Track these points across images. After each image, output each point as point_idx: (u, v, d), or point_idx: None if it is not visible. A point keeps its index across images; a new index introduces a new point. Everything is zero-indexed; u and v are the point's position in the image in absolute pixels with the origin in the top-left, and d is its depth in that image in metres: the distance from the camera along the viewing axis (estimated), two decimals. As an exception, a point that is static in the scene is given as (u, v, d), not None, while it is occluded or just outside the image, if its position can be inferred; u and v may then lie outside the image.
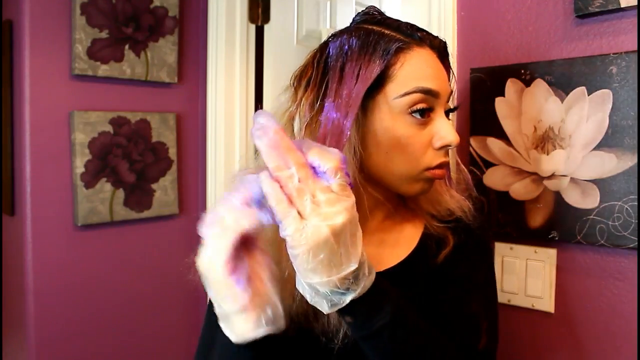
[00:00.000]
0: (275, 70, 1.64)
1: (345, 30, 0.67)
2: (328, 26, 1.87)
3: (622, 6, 0.82)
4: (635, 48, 0.82)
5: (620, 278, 0.86)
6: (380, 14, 0.69)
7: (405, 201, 0.75)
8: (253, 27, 1.63)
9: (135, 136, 1.49)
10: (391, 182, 0.66)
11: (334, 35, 0.68)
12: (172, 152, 1.58)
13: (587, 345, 0.90)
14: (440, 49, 0.68)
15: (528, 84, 0.92)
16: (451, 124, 0.66)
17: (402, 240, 0.72)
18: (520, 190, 0.94)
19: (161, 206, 1.56)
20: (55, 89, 1.37)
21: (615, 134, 0.84)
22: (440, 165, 0.66)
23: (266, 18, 1.63)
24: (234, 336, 0.50)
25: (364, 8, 0.71)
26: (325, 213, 0.46)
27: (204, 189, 1.67)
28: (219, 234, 0.48)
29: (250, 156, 0.70)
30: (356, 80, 0.62)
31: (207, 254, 0.49)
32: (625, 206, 0.83)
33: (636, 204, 0.82)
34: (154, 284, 1.58)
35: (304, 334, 0.65)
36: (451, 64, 0.72)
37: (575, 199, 0.88)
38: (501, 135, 0.96)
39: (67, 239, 1.40)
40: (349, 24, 0.72)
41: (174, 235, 1.61)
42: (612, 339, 0.87)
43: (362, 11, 0.70)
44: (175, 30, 1.55)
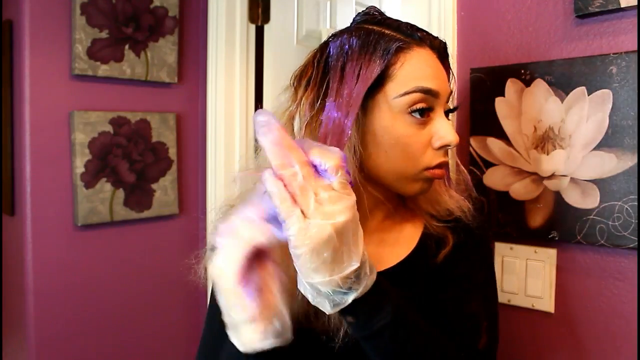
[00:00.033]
0: (275, 70, 1.64)
1: (346, 30, 0.67)
2: (328, 26, 1.87)
3: (622, 6, 0.82)
4: (635, 48, 0.82)
5: (620, 278, 0.86)
6: (381, 14, 0.69)
7: (405, 201, 0.75)
8: (253, 27, 1.63)
9: (135, 136, 1.49)
10: (390, 182, 0.66)
11: (334, 35, 0.68)
12: (172, 152, 1.58)
13: (587, 345, 0.90)
14: (440, 50, 0.68)
15: (528, 84, 0.92)
16: (451, 124, 0.66)
17: (402, 240, 0.72)
18: (520, 190, 0.94)
19: (161, 206, 1.56)
20: (55, 89, 1.37)
21: (615, 134, 0.84)
22: (439, 165, 0.66)
23: (266, 18, 1.63)
24: (242, 345, 0.50)
25: (364, 8, 0.71)
26: (327, 211, 0.46)
27: (204, 189, 1.67)
28: (232, 244, 0.48)
29: (250, 156, 0.70)
30: (357, 79, 0.62)
31: (220, 262, 0.48)
32: (625, 206, 0.83)
33: (636, 204, 0.82)
34: (153, 284, 1.58)
35: (304, 333, 0.64)
36: (451, 65, 0.72)
37: (575, 199, 0.88)
38: (501, 135, 0.96)
39: (67, 239, 1.40)
40: (349, 24, 0.72)
41: (174, 235, 1.62)
42: (612, 339, 0.87)
43: (363, 11, 0.70)
44: (175, 30, 1.55)
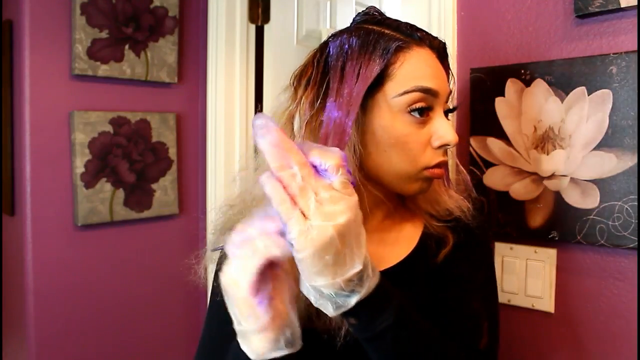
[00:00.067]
0: (275, 70, 1.64)
1: (345, 30, 0.68)
2: (328, 26, 1.87)
3: (622, 6, 0.82)
4: (635, 48, 0.82)
5: (620, 278, 0.86)
6: (380, 14, 0.69)
7: (404, 201, 0.75)
8: (253, 27, 1.63)
9: (135, 136, 1.49)
10: (390, 181, 0.66)
11: (334, 35, 0.68)
12: (172, 152, 1.58)
13: (587, 345, 0.90)
14: (439, 50, 0.68)
15: (528, 84, 0.92)
16: (450, 124, 0.66)
17: (402, 240, 0.72)
18: (520, 190, 0.94)
19: (161, 206, 1.56)
20: (55, 89, 1.37)
21: (615, 134, 0.84)
22: (438, 165, 0.66)
23: (266, 18, 1.63)
24: (252, 354, 0.50)
25: (364, 8, 0.71)
26: (328, 212, 0.46)
27: (204, 189, 1.67)
28: (247, 256, 0.47)
29: (250, 156, 0.70)
30: (357, 79, 0.62)
31: (233, 272, 0.48)
32: (625, 206, 0.83)
33: (636, 204, 0.82)
34: (153, 283, 1.58)
35: (305, 333, 0.64)
36: (451, 64, 0.72)
37: (575, 199, 0.88)
38: (501, 135, 0.96)
39: (67, 239, 1.40)
40: (349, 24, 0.72)
41: (174, 235, 1.62)
42: (612, 339, 0.87)
43: (362, 11, 0.70)
44: (175, 30, 1.55)
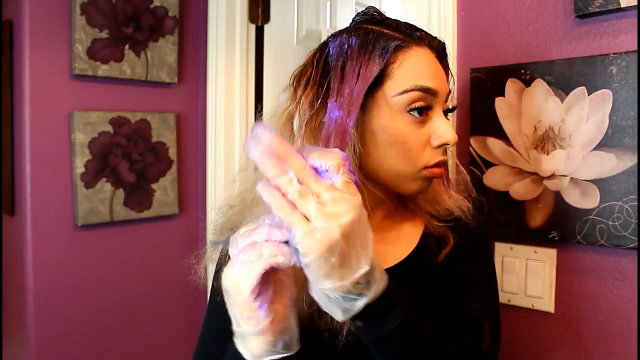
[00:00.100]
0: (275, 70, 1.64)
1: (345, 30, 0.68)
2: (328, 26, 1.86)
3: (622, 6, 0.82)
4: (635, 48, 0.82)
5: (620, 278, 0.86)
6: (380, 14, 0.69)
7: (405, 200, 0.75)
8: (253, 27, 1.62)
9: (135, 136, 1.49)
10: (389, 181, 0.66)
11: (334, 35, 0.68)
12: (172, 152, 1.58)
13: (587, 345, 0.90)
14: (438, 49, 0.68)
15: (528, 84, 0.92)
16: (449, 123, 0.66)
17: (402, 239, 0.72)
18: (520, 190, 0.94)
19: (161, 206, 1.56)
20: (55, 89, 1.37)
21: (615, 134, 0.84)
22: (438, 164, 0.66)
23: (266, 18, 1.63)
24: (250, 356, 0.50)
25: (364, 8, 0.71)
26: (331, 213, 0.45)
27: (204, 189, 1.67)
28: (252, 261, 0.47)
29: (250, 156, 0.70)
30: (357, 78, 0.62)
31: (235, 274, 0.48)
32: (625, 206, 0.83)
33: (636, 204, 0.82)
34: (153, 283, 1.58)
35: (307, 333, 0.64)
36: (451, 64, 0.72)
37: (575, 199, 0.88)
38: (501, 135, 0.96)
39: (67, 239, 1.40)
40: (348, 24, 0.72)
41: (174, 235, 1.61)
42: (612, 338, 0.87)
43: (362, 11, 0.70)
44: (175, 30, 1.55)
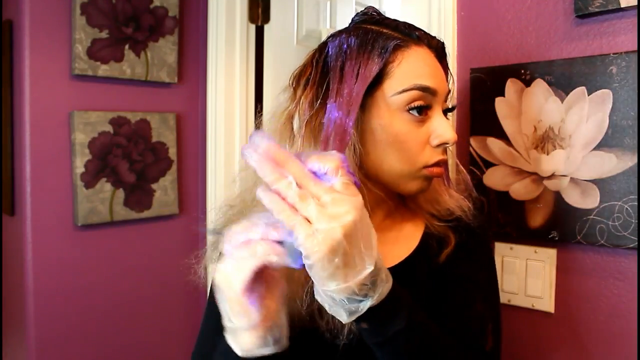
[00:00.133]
0: (275, 70, 1.64)
1: (344, 30, 0.68)
2: (328, 26, 1.86)
3: (622, 6, 0.82)
4: (635, 48, 0.82)
5: (620, 278, 0.86)
6: (379, 14, 0.69)
7: (405, 200, 0.75)
8: (253, 27, 1.62)
9: (135, 136, 1.49)
10: (389, 180, 0.66)
11: (333, 35, 0.68)
12: (172, 152, 1.58)
13: (587, 345, 0.90)
14: (438, 49, 0.68)
15: (528, 84, 0.92)
16: (449, 122, 0.66)
17: (402, 239, 0.72)
18: (520, 190, 0.94)
19: (161, 206, 1.56)
20: (55, 89, 1.37)
21: (615, 134, 0.84)
22: (437, 163, 0.66)
23: (266, 18, 1.63)
24: (240, 351, 0.50)
25: (363, 8, 0.71)
26: (332, 214, 0.45)
27: (204, 189, 1.67)
28: (245, 258, 0.47)
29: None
30: (356, 78, 0.62)
31: (227, 270, 0.48)
32: (625, 206, 0.83)
33: (636, 204, 0.82)
34: (154, 283, 1.58)
35: (308, 333, 0.64)
36: (451, 64, 0.72)
37: (575, 199, 0.88)
38: (501, 135, 0.96)
39: (67, 239, 1.40)
40: (348, 24, 0.72)
41: (174, 235, 1.62)
42: (612, 338, 0.87)
43: (361, 12, 0.70)
44: (175, 30, 1.55)
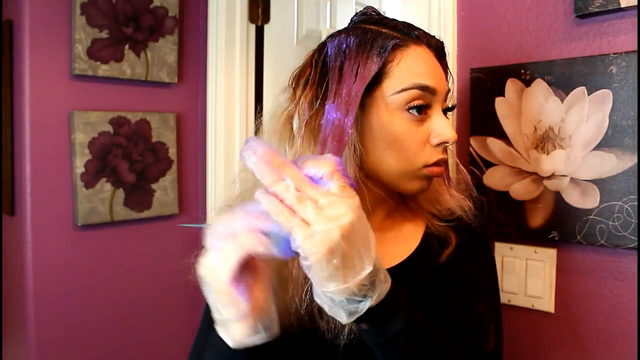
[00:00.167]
0: (275, 70, 1.64)
1: (343, 30, 0.68)
2: (328, 26, 1.86)
3: (622, 6, 0.82)
4: (635, 48, 0.82)
5: (620, 278, 0.86)
6: (378, 13, 0.69)
7: (406, 200, 0.75)
8: (253, 27, 1.62)
9: (135, 136, 1.49)
10: (390, 180, 0.66)
11: (332, 36, 0.68)
12: (172, 152, 1.58)
13: (587, 345, 0.90)
14: (437, 48, 0.68)
15: (528, 84, 0.92)
16: (448, 122, 0.66)
17: (401, 239, 0.72)
18: (520, 190, 0.94)
19: (161, 206, 1.56)
20: (55, 89, 1.37)
21: (615, 134, 0.84)
22: (437, 163, 0.65)
23: (266, 18, 1.63)
24: (231, 341, 0.50)
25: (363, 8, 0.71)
26: (330, 215, 0.45)
27: (204, 189, 1.67)
28: (230, 248, 0.47)
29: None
30: (355, 78, 0.62)
31: (213, 262, 0.48)
32: (625, 206, 0.83)
33: (636, 204, 0.82)
34: (154, 283, 1.58)
35: (309, 333, 0.64)
36: (451, 64, 0.72)
37: (575, 199, 0.88)
38: (501, 135, 0.96)
39: (67, 239, 1.40)
40: (347, 24, 0.72)
41: (174, 235, 1.61)
42: (612, 338, 0.87)
43: (360, 11, 0.70)
44: (175, 30, 1.55)
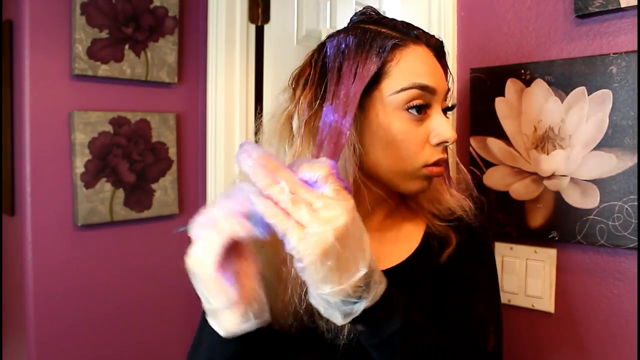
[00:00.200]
0: (275, 70, 1.64)
1: (343, 30, 0.68)
2: (328, 26, 1.86)
3: (622, 6, 0.82)
4: (635, 48, 0.82)
5: (620, 278, 0.86)
6: (377, 13, 0.69)
7: (406, 200, 0.75)
8: (253, 27, 1.62)
9: (135, 136, 1.49)
10: (389, 180, 0.66)
11: (331, 36, 0.68)
12: (172, 152, 1.58)
13: (587, 345, 0.90)
14: (436, 48, 0.68)
15: (528, 84, 0.92)
16: (448, 121, 0.66)
17: (402, 239, 0.72)
18: (520, 190, 0.94)
19: (161, 206, 1.56)
20: (55, 89, 1.37)
21: (615, 134, 0.84)
22: (437, 162, 0.65)
23: (266, 18, 1.63)
24: (222, 330, 0.50)
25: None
26: (324, 217, 0.46)
27: (204, 189, 1.67)
28: (212, 236, 0.48)
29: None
30: (354, 78, 0.62)
31: (198, 252, 0.49)
32: (625, 206, 0.83)
33: (636, 204, 0.82)
34: (154, 283, 1.58)
35: (308, 333, 0.65)
36: (451, 64, 0.72)
37: (575, 199, 0.88)
38: (501, 135, 0.96)
39: (67, 239, 1.40)
40: (346, 24, 0.72)
41: (174, 236, 1.61)
42: (612, 338, 0.87)
43: (359, 11, 0.70)
44: (175, 30, 1.55)
